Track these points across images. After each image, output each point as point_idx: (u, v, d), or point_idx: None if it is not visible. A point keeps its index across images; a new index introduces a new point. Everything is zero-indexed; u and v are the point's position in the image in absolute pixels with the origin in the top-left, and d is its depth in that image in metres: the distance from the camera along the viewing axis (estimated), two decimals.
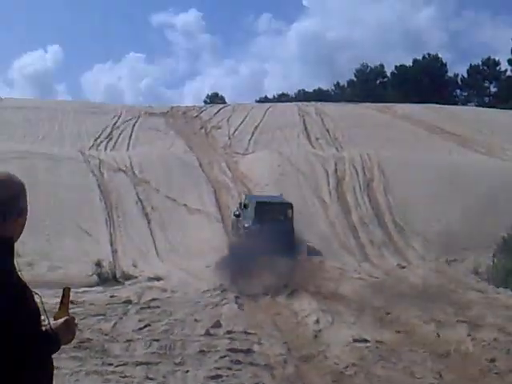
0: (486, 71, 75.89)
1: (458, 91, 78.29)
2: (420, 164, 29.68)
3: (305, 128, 41.83)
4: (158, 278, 18.30)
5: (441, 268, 20.80)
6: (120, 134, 40.47)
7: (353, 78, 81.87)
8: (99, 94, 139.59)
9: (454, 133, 40.21)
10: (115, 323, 11.63)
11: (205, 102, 76.98)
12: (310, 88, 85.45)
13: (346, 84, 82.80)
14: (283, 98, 77.91)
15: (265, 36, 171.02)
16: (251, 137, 39.91)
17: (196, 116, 46.67)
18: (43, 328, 2.60)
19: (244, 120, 43.84)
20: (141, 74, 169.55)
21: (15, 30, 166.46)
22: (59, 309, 2.77)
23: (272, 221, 20.74)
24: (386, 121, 43.48)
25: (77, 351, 9.27)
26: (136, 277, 18.62)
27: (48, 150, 32.30)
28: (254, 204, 21.83)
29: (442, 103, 54.50)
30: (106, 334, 10.71)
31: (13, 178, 2.65)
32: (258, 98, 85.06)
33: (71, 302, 2.90)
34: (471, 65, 77.07)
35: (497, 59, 76.16)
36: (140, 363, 9.12)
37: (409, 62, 78.17)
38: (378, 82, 79.69)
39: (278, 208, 22.10)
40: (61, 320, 2.68)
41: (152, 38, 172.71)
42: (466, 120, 43.44)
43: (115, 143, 38.71)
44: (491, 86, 76.83)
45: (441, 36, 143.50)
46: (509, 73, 74.25)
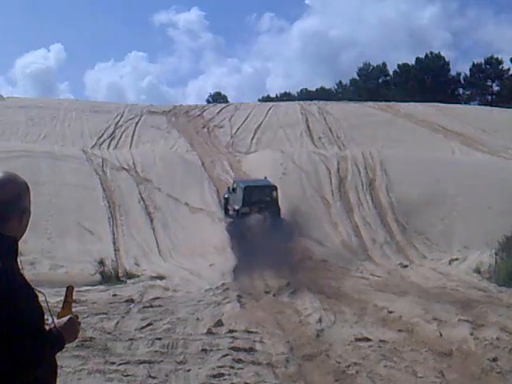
0: (489, 70, 75.92)
1: (461, 90, 78.40)
2: (423, 163, 29.64)
3: (307, 127, 41.84)
4: (161, 277, 18.29)
5: (443, 267, 20.78)
6: (122, 133, 40.55)
7: (355, 77, 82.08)
8: (101, 93, 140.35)
9: (457, 131, 40.21)
10: (117, 322, 11.64)
11: (207, 101, 77.34)
12: (313, 87, 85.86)
13: (349, 83, 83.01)
14: (286, 97, 78.06)
15: (267, 35, 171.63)
16: (254, 136, 39.93)
17: (198, 115, 46.70)
18: (47, 327, 2.61)
19: (246, 119, 43.86)
20: (143, 73, 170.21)
21: (18, 29, 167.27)
22: (63, 307, 2.78)
23: (259, 202, 22.59)
24: (389, 119, 43.50)
25: (79, 350, 9.30)
26: (138, 276, 18.62)
27: (50, 149, 32.32)
28: (242, 188, 23.27)
29: (445, 102, 54.57)
30: (109, 333, 10.72)
31: (17, 178, 2.66)
32: (261, 97, 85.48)
33: (74, 301, 2.90)
34: (474, 63, 77.25)
35: (500, 58, 76.29)
36: (142, 362, 9.14)
37: (411, 61, 78.27)
38: (381, 81, 79.78)
39: (264, 190, 23.47)
40: (64, 318, 2.69)
41: (154, 37, 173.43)
42: (469, 119, 43.41)
43: (118, 142, 38.79)
44: (494, 85, 76.91)
45: (444, 35, 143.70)
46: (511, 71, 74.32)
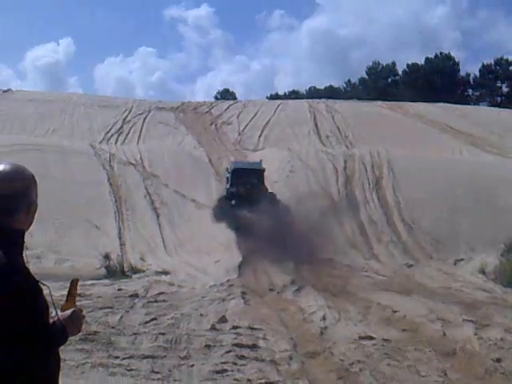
0: (499, 71, 75.58)
1: (470, 91, 78.07)
2: (430, 163, 29.58)
3: (315, 125, 41.78)
4: (166, 272, 18.33)
5: (448, 267, 20.77)
6: (130, 128, 40.58)
7: (364, 76, 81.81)
8: (110, 88, 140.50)
9: (465, 132, 40.09)
10: (122, 316, 11.67)
11: (216, 98, 77.22)
12: (321, 85, 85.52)
13: (358, 82, 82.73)
14: (294, 95, 77.91)
15: (277, 32, 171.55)
16: (261, 133, 39.89)
17: (207, 111, 46.68)
18: (50, 320, 2.63)
19: (254, 116, 43.81)
20: (152, 68, 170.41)
21: (28, 23, 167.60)
22: (67, 300, 2.79)
23: (246, 183, 24.63)
24: (397, 119, 43.39)
25: (83, 343, 9.34)
26: (143, 271, 18.67)
27: (58, 143, 32.42)
28: (232, 169, 25.68)
29: (454, 102, 54.31)
30: (113, 327, 10.76)
31: (24, 171, 2.67)
32: (269, 95, 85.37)
33: (78, 295, 2.92)
34: (483, 64, 76.83)
35: (510, 59, 75.89)
36: (146, 356, 9.17)
37: (421, 61, 78.00)
38: (390, 81, 79.54)
39: (252, 173, 25.50)
40: (68, 312, 2.70)
41: (164, 33, 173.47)
42: (478, 120, 43.25)
43: (126, 137, 38.82)
44: (503, 86, 76.56)
45: (454, 35, 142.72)
46: None
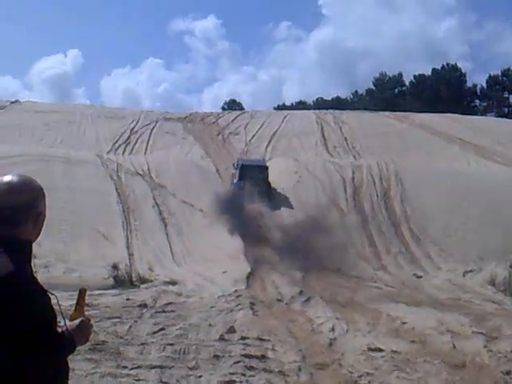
0: (506, 82, 75.49)
1: (477, 101, 77.98)
2: (438, 174, 29.51)
3: (322, 136, 41.81)
4: (174, 283, 18.28)
5: (457, 278, 20.66)
6: (138, 139, 40.73)
7: (371, 87, 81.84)
8: (117, 99, 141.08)
9: (473, 143, 39.99)
10: (130, 326, 11.64)
11: (223, 109, 77.44)
12: (329, 96, 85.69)
13: (365, 92, 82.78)
14: (301, 106, 78.00)
15: (284, 44, 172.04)
16: (268, 144, 39.96)
17: (214, 122, 46.80)
18: (59, 329, 2.60)
19: (261, 127, 43.90)
20: (159, 80, 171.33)
21: (36, 34, 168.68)
22: (75, 309, 2.77)
23: (251, 178, 27.09)
24: (404, 130, 43.35)
25: (92, 353, 9.32)
26: (152, 280, 18.63)
27: (66, 154, 32.49)
28: (240, 166, 28.60)
29: (461, 113, 54.23)
30: (121, 337, 10.73)
31: (32, 182, 2.67)
32: (276, 105, 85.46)
33: (87, 305, 2.89)
34: (490, 75, 76.78)
35: None
36: (154, 367, 9.13)
37: (428, 72, 78.01)
38: (397, 91, 79.53)
39: (257, 169, 28.37)
40: (76, 321, 2.68)
41: (171, 44, 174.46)
42: (485, 130, 43.15)
43: (133, 147, 38.97)
44: (510, 97, 76.45)
45: (461, 46, 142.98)
46: None
